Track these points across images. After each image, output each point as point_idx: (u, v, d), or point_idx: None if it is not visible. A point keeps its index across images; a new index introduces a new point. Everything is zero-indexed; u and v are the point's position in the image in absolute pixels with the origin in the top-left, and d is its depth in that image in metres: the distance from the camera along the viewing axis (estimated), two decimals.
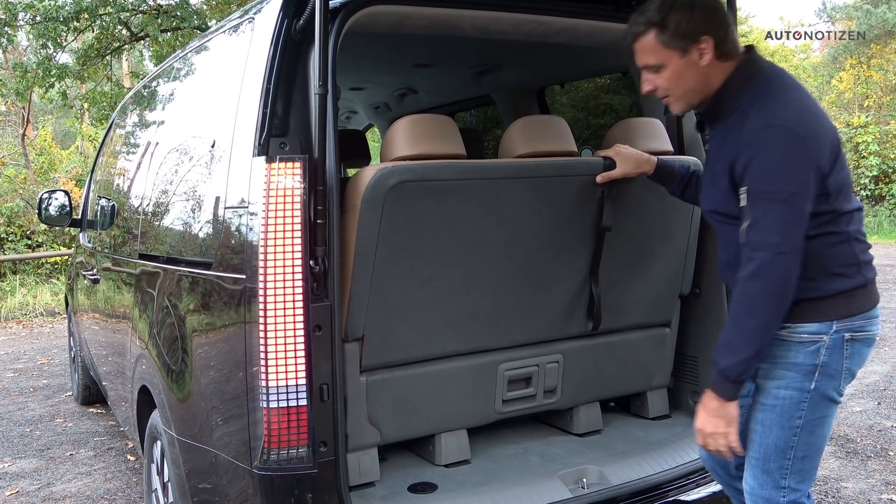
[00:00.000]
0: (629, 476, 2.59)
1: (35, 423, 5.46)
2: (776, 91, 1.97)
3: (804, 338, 1.98)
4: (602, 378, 3.00)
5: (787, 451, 2.02)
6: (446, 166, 2.44)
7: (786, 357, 2.00)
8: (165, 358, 2.70)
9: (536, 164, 2.60)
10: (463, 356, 2.71)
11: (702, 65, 2.02)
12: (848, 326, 1.98)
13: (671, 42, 2.02)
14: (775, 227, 1.84)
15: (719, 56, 2.02)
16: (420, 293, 2.51)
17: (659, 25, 2.02)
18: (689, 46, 2.01)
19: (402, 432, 2.66)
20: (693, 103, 2.11)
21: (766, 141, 1.87)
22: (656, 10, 2.03)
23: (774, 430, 2.03)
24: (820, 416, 2.02)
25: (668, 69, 2.05)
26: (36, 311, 10.76)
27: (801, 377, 1.99)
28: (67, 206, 5.26)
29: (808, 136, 1.86)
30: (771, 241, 1.84)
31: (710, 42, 2.00)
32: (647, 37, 2.05)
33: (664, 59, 2.04)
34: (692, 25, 2.00)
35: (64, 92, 12.70)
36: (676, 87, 2.08)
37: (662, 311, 3.05)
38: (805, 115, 1.91)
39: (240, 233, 2.20)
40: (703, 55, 2.02)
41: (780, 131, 1.86)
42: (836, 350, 1.98)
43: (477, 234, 2.53)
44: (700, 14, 2.01)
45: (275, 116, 2.15)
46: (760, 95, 1.96)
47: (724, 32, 2.03)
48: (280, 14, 2.21)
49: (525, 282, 2.69)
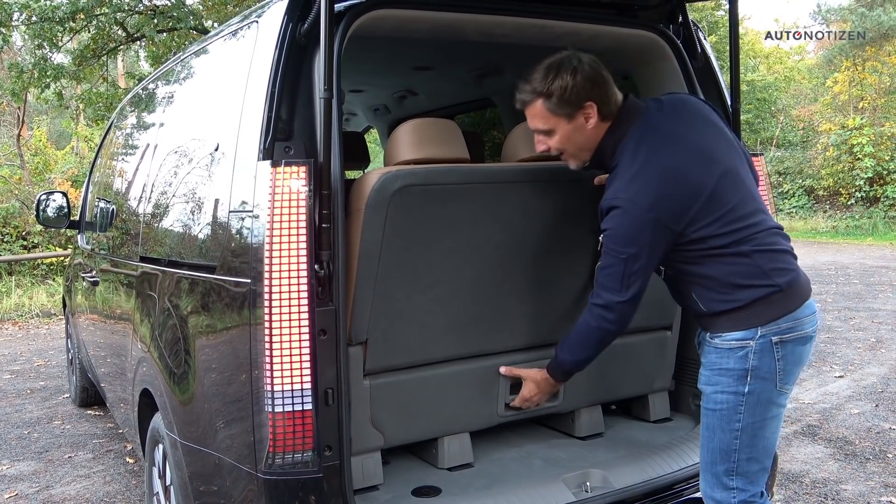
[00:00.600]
0: (632, 479, 2.59)
1: (33, 426, 5.44)
2: (636, 154, 2.15)
3: (733, 344, 2.13)
4: (603, 381, 3.00)
5: (731, 454, 2.16)
6: (450, 170, 2.46)
7: (720, 364, 2.16)
8: (168, 361, 2.70)
9: (539, 168, 2.62)
10: (466, 360, 2.71)
11: (588, 127, 2.21)
12: (774, 330, 2.12)
13: (557, 109, 2.19)
14: (617, 278, 2.14)
15: (603, 118, 2.21)
16: (423, 297, 2.52)
17: (545, 95, 2.18)
18: (574, 112, 2.19)
19: (405, 435, 2.66)
20: (586, 159, 2.30)
21: (616, 211, 2.12)
22: (541, 79, 2.18)
23: (717, 433, 2.18)
24: (760, 418, 2.15)
25: (557, 133, 2.23)
26: (32, 312, 10.72)
27: (734, 381, 2.14)
28: (66, 208, 5.25)
29: (652, 203, 2.08)
30: (614, 288, 2.15)
31: (594, 107, 2.19)
32: (535, 105, 2.22)
33: (553, 125, 2.22)
34: (576, 93, 2.16)
35: (60, 92, 12.69)
36: (567, 148, 2.27)
37: (663, 315, 3.06)
38: (654, 181, 2.10)
39: (244, 236, 2.20)
40: (588, 119, 2.20)
41: (625, 204, 2.10)
42: (766, 353, 2.12)
43: (480, 237, 2.55)
44: (582, 81, 2.16)
45: (279, 120, 2.15)
46: (626, 158, 2.17)
47: (605, 96, 2.20)
48: (285, 18, 2.21)
49: (528, 285, 2.71)
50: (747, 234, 2.13)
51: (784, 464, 4.16)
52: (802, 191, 21.46)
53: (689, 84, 2.82)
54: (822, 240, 17.53)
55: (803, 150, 22.80)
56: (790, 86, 26.24)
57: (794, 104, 25.52)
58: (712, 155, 2.18)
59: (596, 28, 2.75)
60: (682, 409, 3.15)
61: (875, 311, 8.65)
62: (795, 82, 26.65)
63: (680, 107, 2.30)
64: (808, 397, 5.45)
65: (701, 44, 2.89)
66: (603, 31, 2.77)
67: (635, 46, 2.88)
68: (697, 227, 2.11)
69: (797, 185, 21.61)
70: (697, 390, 3.06)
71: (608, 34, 2.79)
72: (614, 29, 2.77)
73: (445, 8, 2.46)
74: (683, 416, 3.13)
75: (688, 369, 3.13)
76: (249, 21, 2.53)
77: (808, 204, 21.08)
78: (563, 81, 2.15)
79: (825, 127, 21.73)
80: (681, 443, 2.81)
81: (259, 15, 2.46)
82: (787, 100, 25.54)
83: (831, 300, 9.42)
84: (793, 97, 25.97)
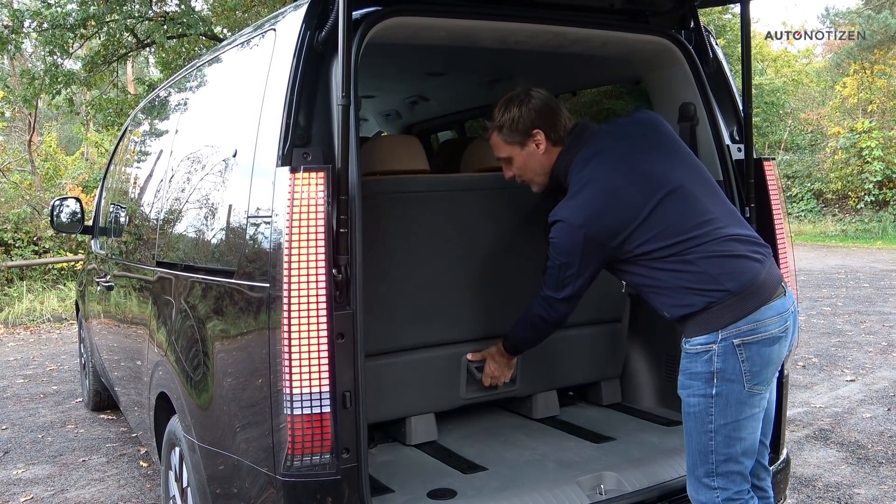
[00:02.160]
0: (646, 482, 2.61)
1: (47, 430, 5.48)
2: (580, 177, 2.36)
3: (698, 349, 2.23)
4: (558, 368, 3.32)
5: (709, 455, 2.24)
6: (411, 180, 2.83)
7: (690, 368, 2.26)
8: (185, 364, 2.73)
9: (492, 178, 2.93)
10: (430, 347, 3.01)
11: (540, 153, 2.45)
12: (734, 333, 2.19)
13: (509, 139, 2.47)
14: (553, 279, 2.42)
15: (553, 143, 2.45)
16: (390, 291, 2.82)
17: (497, 127, 2.47)
18: (525, 140, 2.45)
19: (375, 415, 2.88)
20: (545, 184, 2.53)
21: (556, 226, 2.34)
22: (497, 113, 2.47)
23: (694, 436, 2.27)
24: (733, 419, 2.21)
25: (515, 160, 2.51)
26: (43, 316, 10.79)
27: (702, 384, 2.22)
28: (79, 213, 5.29)
29: (584, 223, 2.28)
30: (551, 286, 2.43)
31: (542, 133, 2.43)
32: (493, 137, 2.51)
33: (509, 153, 2.50)
34: (523, 122, 2.42)
35: (70, 98, 12.77)
36: (526, 173, 2.53)
37: (613, 309, 3.38)
38: (590, 204, 2.30)
39: (263, 241, 2.23)
40: (538, 145, 2.44)
41: (561, 221, 2.32)
42: (730, 356, 2.19)
43: (440, 239, 2.90)
44: (528, 112, 2.42)
45: (297, 126, 2.17)
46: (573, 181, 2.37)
47: (553, 123, 2.44)
48: (302, 26, 2.24)
49: (484, 281, 3.04)
50: (692, 245, 2.25)
51: (797, 468, 4.16)
52: (811, 194, 21.41)
53: (701, 89, 2.84)
54: (831, 243, 17.48)
55: (812, 153, 22.75)
56: (798, 89, 26.19)
57: (803, 107, 25.47)
58: (657, 176, 2.32)
59: (608, 34, 2.77)
60: None
61: (886, 315, 8.62)
62: (804, 86, 26.59)
63: (632, 130, 2.46)
64: (819, 401, 5.45)
65: (713, 49, 2.90)
66: (615, 37, 2.80)
67: (647, 52, 2.90)
68: (636, 243, 2.27)
69: (806, 189, 21.57)
70: None
71: (620, 40, 2.81)
72: (626, 35, 2.80)
73: (461, 15, 2.49)
74: None
75: None
76: (266, 29, 2.56)
77: (816, 207, 21.03)
78: (511, 113, 2.43)
79: (834, 130, 21.67)
80: None
81: (276, 22, 2.49)
82: (795, 103, 25.49)
83: (841, 304, 9.39)
84: (801, 100, 25.92)
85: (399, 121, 5.50)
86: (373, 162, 2.84)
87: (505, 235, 3.02)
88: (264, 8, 11.94)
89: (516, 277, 3.09)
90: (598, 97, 7.51)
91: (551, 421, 3.29)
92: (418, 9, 2.42)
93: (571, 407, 3.49)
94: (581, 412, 3.42)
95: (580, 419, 3.30)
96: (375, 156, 2.87)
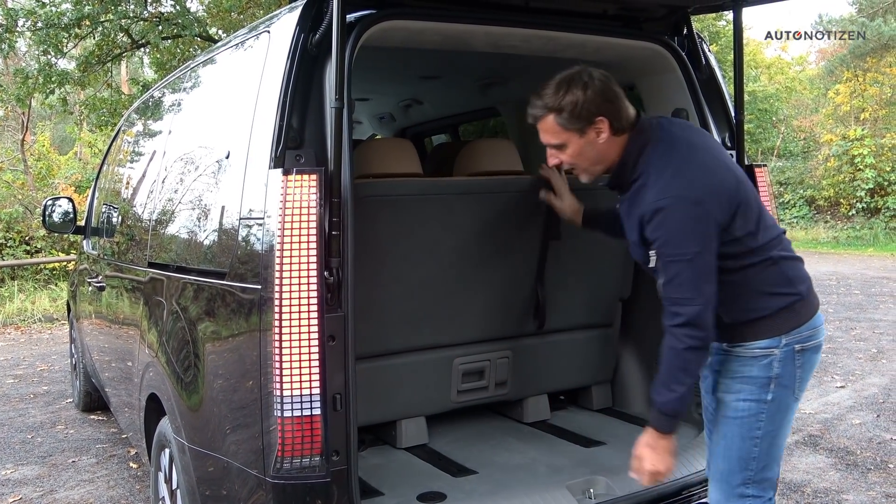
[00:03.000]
0: (635, 487, 2.60)
1: (36, 430, 5.46)
2: (667, 158, 2.13)
3: (757, 353, 2.14)
4: (549, 373, 3.32)
5: (750, 462, 2.17)
6: (404, 184, 2.81)
7: (743, 371, 2.16)
8: (176, 366, 2.72)
9: (485, 182, 2.97)
10: (421, 351, 3.02)
11: (599, 142, 2.18)
12: (796, 339, 2.14)
13: (569, 125, 2.16)
14: (688, 284, 2.03)
15: (615, 132, 2.18)
16: (381, 294, 2.81)
17: (556, 110, 2.16)
18: (585, 127, 2.16)
19: (366, 418, 2.86)
20: (598, 174, 2.27)
21: (665, 212, 2.05)
22: (552, 94, 2.16)
23: (736, 441, 2.18)
24: (778, 426, 2.18)
25: (569, 148, 2.20)
26: (34, 317, 10.74)
27: (758, 389, 2.15)
28: (71, 214, 5.28)
29: (700, 197, 2.04)
30: (686, 296, 2.03)
31: (606, 121, 2.15)
32: (547, 120, 2.19)
33: (565, 140, 2.19)
34: (587, 108, 2.13)
35: (64, 98, 12.73)
36: (579, 163, 2.24)
37: (605, 313, 3.38)
38: (696, 176, 2.07)
39: (255, 243, 2.23)
40: (599, 134, 2.17)
41: (673, 202, 2.04)
42: (788, 361, 2.14)
43: (432, 242, 2.87)
44: (593, 96, 2.13)
45: (291, 129, 2.18)
46: (654, 164, 2.13)
47: (617, 111, 2.17)
48: (296, 28, 2.25)
49: (476, 285, 3.03)
50: (774, 236, 2.17)
51: (786, 473, 4.17)
52: (803, 201, 21.48)
53: (694, 95, 2.85)
54: (822, 250, 17.54)
55: (804, 160, 22.84)
56: (791, 96, 26.30)
57: (796, 115, 25.57)
58: (729, 164, 2.22)
59: (602, 40, 2.78)
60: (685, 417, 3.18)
61: (876, 322, 8.66)
62: (797, 93, 26.71)
63: (686, 124, 2.36)
64: (809, 407, 5.46)
65: (705, 55, 2.92)
66: (608, 43, 2.81)
67: (640, 58, 2.91)
68: (739, 223, 2.09)
69: (798, 196, 21.64)
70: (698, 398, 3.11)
71: (613, 46, 2.83)
72: (620, 41, 2.81)
73: (455, 19, 2.49)
74: (686, 424, 3.14)
75: None
76: (261, 31, 2.57)
77: (808, 214, 21.10)
78: (574, 97, 2.13)
79: (826, 138, 21.77)
80: (684, 450, 2.83)
81: (270, 24, 2.49)
82: (788, 110, 25.59)
83: (832, 311, 9.43)
84: (794, 107, 26.03)
85: (393, 124, 5.51)
86: (366, 165, 2.84)
87: (497, 240, 3.02)
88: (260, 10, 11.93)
89: (507, 282, 3.09)
90: None
91: (542, 425, 3.31)
92: (412, 12, 2.42)
93: (562, 411, 3.50)
94: (572, 416, 3.43)
95: (571, 423, 3.31)
96: (368, 158, 2.87)
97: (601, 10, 2.72)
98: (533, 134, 2.42)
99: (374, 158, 2.88)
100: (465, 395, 3.15)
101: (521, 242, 3.06)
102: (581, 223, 2.82)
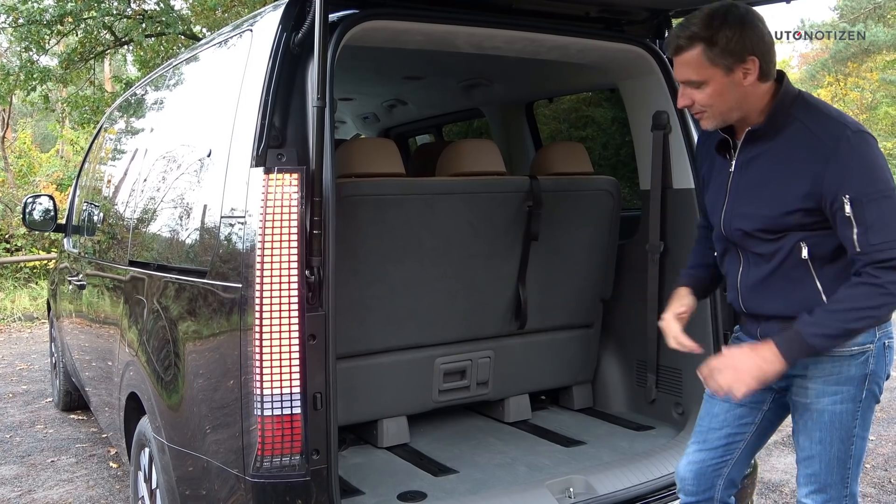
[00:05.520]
0: (615, 486, 2.63)
1: (15, 430, 5.40)
2: (824, 106, 1.99)
3: (854, 350, 2.00)
4: (530, 372, 3.34)
5: (848, 461, 2.07)
6: (386, 183, 2.81)
7: (839, 371, 2.02)
8: (156, 365, 2.71)
9: (467, 182, 2.98)
10: (402, 350, 3.03)
11: (745, 84, 1.97)
12: (886, 332, 2.03)
13: (718, 59, 1.94)
14: (894, 223, 1.84)
15: (761, 76, 1.97)
16: (363, 293, 2.84)
17: (707, 41, 1.94)
18: (734, 65, 1.95)
19: (347, 417, 2.89)
20: (729, 121, 2.06)
21: (856, 146, 1.87)
22: (705, 25, 1.94)
23: (835, 444, 2.06)
24: (868, 420, 2.08)
25: (710, 86, 1.98)
26: (14, 315, 10.64)
27: (854, 389, 2.02)
28: (52, 211, 5.24)
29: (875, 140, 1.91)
30: (892, 238, 1.83)
31: (756, 62, 1.95)
32: (692, 51, 1.96)
33: (708, 76, 1.97)
34: (741, 44, 1.93)
35: (46, 95, 12.63)
36: (716, 105, 2.01)
37: (586, 314, 3.40)
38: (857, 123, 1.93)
39: (236, 242, 2.23)
40: (747, 75, 1.96)
41: (863, 136, 1.88)
42: (881, 357, 2.03)
43: (414, 242, 2.89)
44: (750, 32, 1.94)
45: (272, 127, 2.18)
46: (813, 110, 1.96)
47: (770, 53, 1.98)
48: (279, 27, 2.25)
49: (458, 285, 3.04)
50: None
51: (764, 473, 4.21)
52: None
53: (675, 98, 2.87)
54: None
55: None
56: None
57: None
58: None
59: (584, 42, 2.81)
60: (664, 418, 3.21)
61: None
62: None
63: None
64: None
65: None
66: (591, 45, 2.83)
67: (622, 60, 2.94)
68: None
69: None
70: (680, 399, 3.13)
71: (596, 48, 2.85)
72: (602, 43, 2.83)
73: (438, 20, 2.50)
74: (665, 425, 3.18)
75: (670, 378, 3.17)
76: (243, 29, 2.56)
77: None
78: (731, 30, 1.92)
79: None
80: (663, 450, 2.86)
81: (253, 23, 2.49)
82: None
83: None
84: None
85: (377, 124, 5.51)
86: (348, 164, 2.84)
87: (479, 239, 3.04)
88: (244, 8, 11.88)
89: (490, 282, 3.10)
90: (577, 104, 7.57)
91: (523, 424, 3.33)
92: (395, 12, 2.43)
93: (543, 411, 3.51)
94: (553, 416, 3.45)
95: (552, 423, 3.33)
96: (351, 158, 2.86)
97: (584, 13, 2.74)
98: (516, 135, 2.40)
99: (357, 158, 2.88)
100: (447, 394, 3.17)
101: (503, 243, 3.08)
102: (701, 298, 2.42)
